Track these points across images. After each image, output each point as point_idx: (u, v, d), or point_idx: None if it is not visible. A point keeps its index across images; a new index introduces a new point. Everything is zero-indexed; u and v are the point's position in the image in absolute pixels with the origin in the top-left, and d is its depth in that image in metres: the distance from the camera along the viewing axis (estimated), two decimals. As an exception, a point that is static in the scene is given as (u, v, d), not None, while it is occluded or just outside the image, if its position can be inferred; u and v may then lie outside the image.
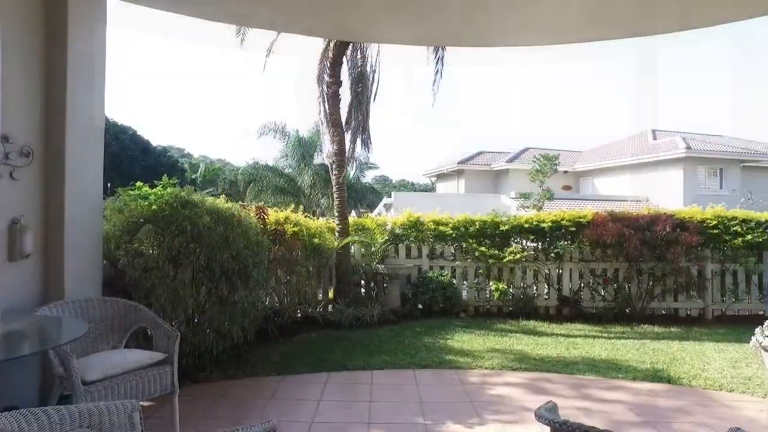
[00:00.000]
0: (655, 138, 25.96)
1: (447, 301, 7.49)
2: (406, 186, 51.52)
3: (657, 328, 6.98)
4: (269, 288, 6.54)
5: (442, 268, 7.94)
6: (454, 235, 7.82)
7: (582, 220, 7.55)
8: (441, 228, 7.82)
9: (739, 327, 6.95)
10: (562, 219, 7.58)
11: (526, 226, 7.67)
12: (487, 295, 7.85)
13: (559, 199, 20.07)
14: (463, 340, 6.18)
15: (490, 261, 7.61)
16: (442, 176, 32.25)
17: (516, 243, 7.90)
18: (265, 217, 6.44)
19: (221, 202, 5.20)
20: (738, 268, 7.63)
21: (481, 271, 7.85)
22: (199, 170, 36.28)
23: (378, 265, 7.54)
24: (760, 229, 7.48)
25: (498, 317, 7.54)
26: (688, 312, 7.80)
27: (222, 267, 4.61)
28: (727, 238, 7.41)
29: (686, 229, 7.14)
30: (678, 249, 6.97)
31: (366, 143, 7.72)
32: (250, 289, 5.01)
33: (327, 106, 7.72)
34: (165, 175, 5.54)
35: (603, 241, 7.16)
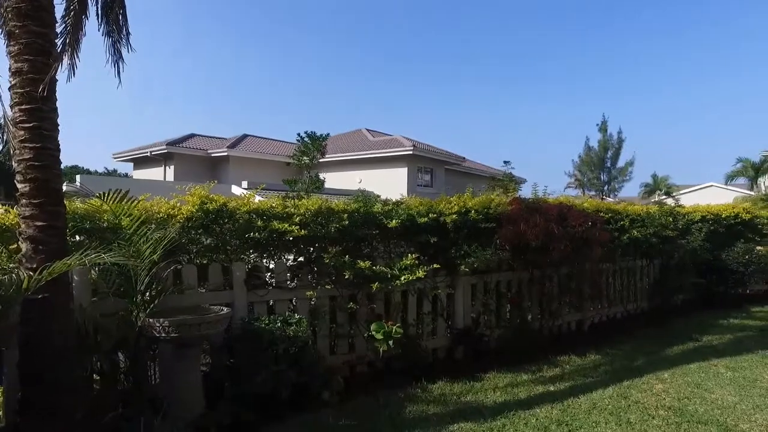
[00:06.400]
0: (373, 136, 26.88)
1: (299, 374, 3.68)
2: (81, 173, 39.35)
3: (576, 358, 5.09)
4: None
5: (271, 306, 4.02)
6: (301, 237, 4.03)
7: (491, 212, 4.96)
8: (276, 225, 3.89)
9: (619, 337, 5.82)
10: (469, 210, 4.81)
11: (422, 222, 4.55)
12: (359, 345, 4.42)
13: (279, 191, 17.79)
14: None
15: (374, 285, 4.16)
16: (143, 161, 25.32)
17: (395, 249, 4.71)
18: None
19: None
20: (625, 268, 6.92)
21: (350, 305, 4.31)
22: None
23: (150, 320, 3.06)
24: (639, 224, 6.60)
25: (381, 386, 4.17)
26: (569, 325, 6.31)
27: None
28: (615, 234, 6.18)
29: (594, 225, 5.48)
30: (598, 249, 5.22)
31: (112, 11, 3.02)
32: None
33: None
34: None
35: (526, 243, 4.75)
